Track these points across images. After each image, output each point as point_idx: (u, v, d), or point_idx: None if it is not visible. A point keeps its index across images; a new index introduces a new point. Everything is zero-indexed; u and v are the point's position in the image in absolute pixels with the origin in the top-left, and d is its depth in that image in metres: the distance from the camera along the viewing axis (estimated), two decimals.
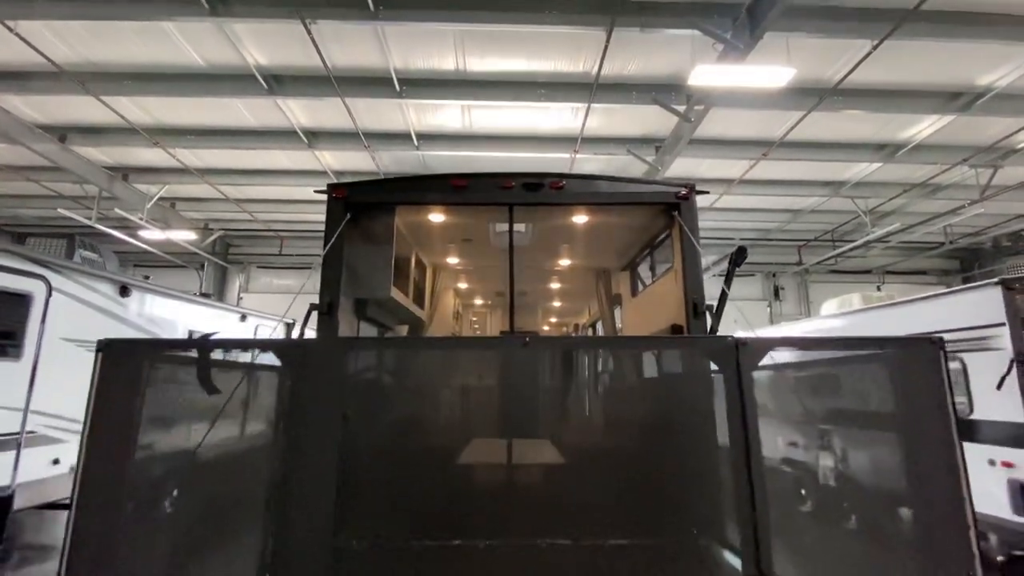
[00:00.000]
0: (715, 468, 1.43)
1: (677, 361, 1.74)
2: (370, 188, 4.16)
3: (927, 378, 1.25)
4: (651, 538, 1.59)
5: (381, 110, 9.66)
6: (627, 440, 1.73)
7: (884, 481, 1.43)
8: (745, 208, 14.04)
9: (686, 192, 4.06)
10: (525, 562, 1.58)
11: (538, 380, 1.96)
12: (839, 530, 1.47)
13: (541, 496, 1.80)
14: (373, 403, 1.64)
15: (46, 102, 9.40)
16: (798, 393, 1.75)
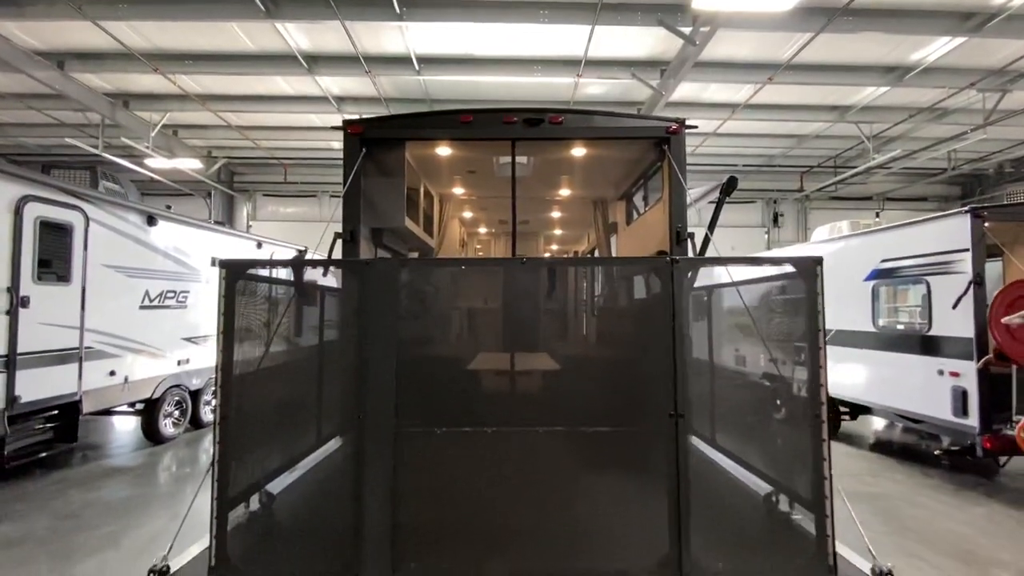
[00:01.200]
0: (665, 366, 1.86)
1: (639, 280, 2.14)
2: (383, 124, 4.45)
3: (809, 289, 1.69)
4: (625, 426, 2.06)
5: (381, 33, 9.50)
6: (605, 346, 2.20)
7: (773, 367, 1.92)
8: (749, 133, 13.94)
9: (676, 127, 4.33)
10: (527, 444, 2.07)
11: (534, 295, 2.43)
12: (734, 399, 1.97)
13: (538, 393, 2.28)
14: (416, 314, 2.10)
15: (42, 28, 9.26)
16: (719, 303, 2.21)
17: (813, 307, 1.66)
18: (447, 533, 1.67)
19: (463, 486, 1.84)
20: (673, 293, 1.65)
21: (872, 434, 8.40)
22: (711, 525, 1.65)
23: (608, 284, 2.15)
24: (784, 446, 1.74)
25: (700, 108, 12.29)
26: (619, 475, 1.78)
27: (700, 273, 2.22)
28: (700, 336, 2.01)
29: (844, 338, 7.54)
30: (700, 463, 1.69)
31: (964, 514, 5.13)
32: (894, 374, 6.59)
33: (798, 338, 1.68)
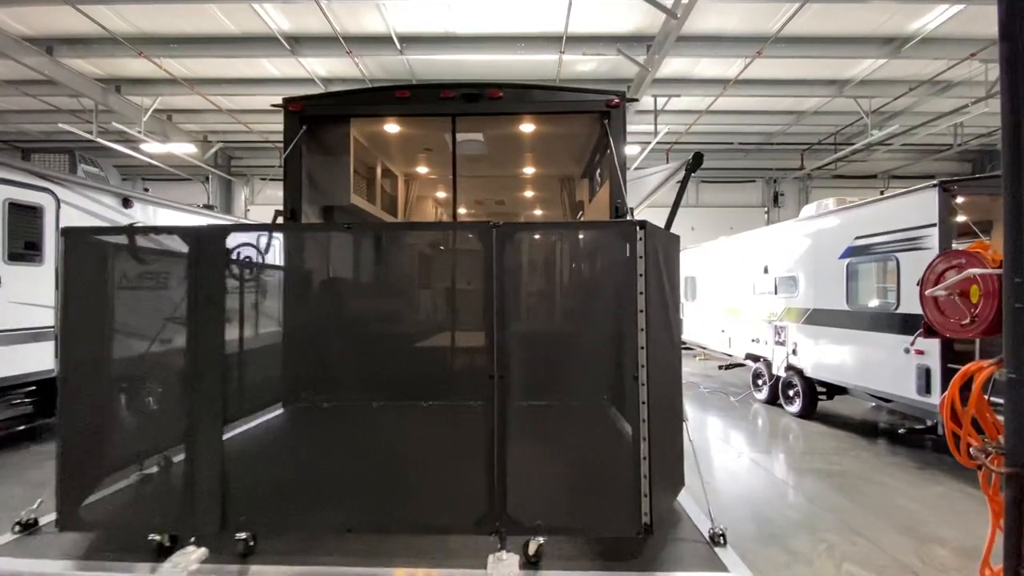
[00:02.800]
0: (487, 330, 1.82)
1: (465, 249, 2.07)
2: (323, 101, 4.45)
3: (629, 253, 1.68)
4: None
5: (360, 12, 9.44)
6: (435, 316, 2.20)
7: (602, 330, 1.92)
8: (746, 110, 13.62)
9: (616, 101, 4.25)
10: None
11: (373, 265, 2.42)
12: (562, 362, 1.96)
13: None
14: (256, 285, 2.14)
15: (28, 13, 9.38)
16: (554, 268, 2.18)
17: (633, 271, 1.65)
18: (282, 492, 1.74)
19: (305, 451, 1.91)
20: (494, 257, 1.66)
21: (850, 413, 8.32)
22: (529, 484, 1.68)
23: (441, 254, 2.15)
24: (607, 407, 1.75)
25: (692, 84, 12.03)
26: (452, 438, 1.82)
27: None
28: (536, 302, 2.01)
29: (820, 317, 7.43)
30: (525, 424, 1.72)
31: (920, 492, 5.09)
32: (865, 353, 6.50)
33: (624, 301, 1.68)
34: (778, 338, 8.54)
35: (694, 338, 12.88)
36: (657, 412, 1.72)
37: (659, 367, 1.77)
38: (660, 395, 1.77)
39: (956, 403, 3.06)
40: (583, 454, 1.76)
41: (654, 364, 1.71)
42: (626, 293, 1.67)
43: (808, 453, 6.37)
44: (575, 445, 1.78)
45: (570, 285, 2.07)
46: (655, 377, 1.71)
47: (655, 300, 1.75)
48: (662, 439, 1.79)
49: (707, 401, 9.56)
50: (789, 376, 8.24)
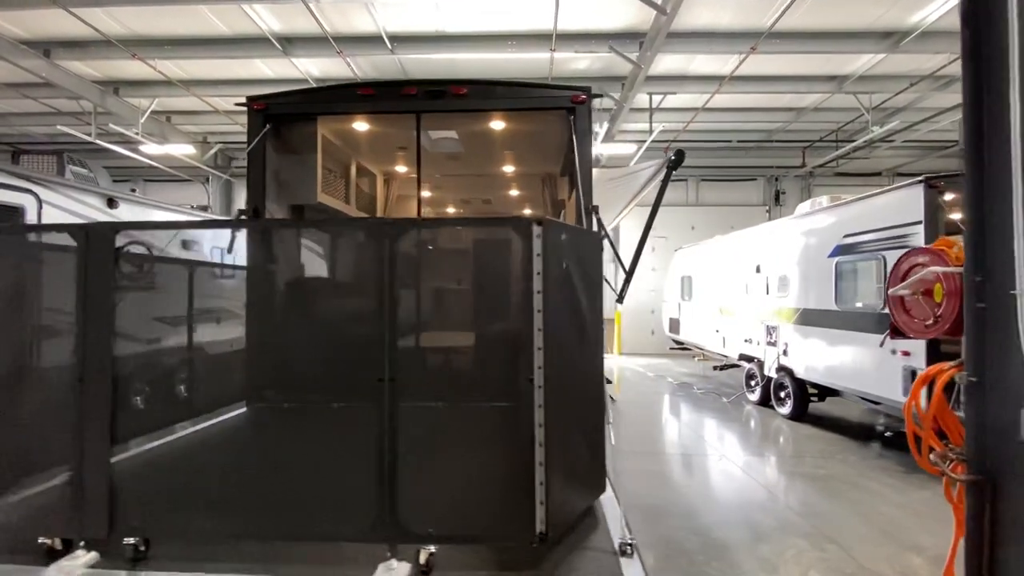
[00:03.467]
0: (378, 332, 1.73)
1: (349, 249, 1.99)
2: (287, 99, 4.42)
3: (525, 251, 1.61)
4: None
5: (349, 12, 9.43)
6: (325, 317, 2.11)
7: (499, 331, 1.85)
8: (745, 107, 13.43)
9: (582, 97, 4.18)
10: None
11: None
12: (458, 364, 1.88)
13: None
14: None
15: (24, 17, 9.49)
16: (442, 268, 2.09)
17: (528, 269, 1.58)
18: (172, 498, 1.70)
19: (195, 457, 1.86)
20: (386, 256, 1.60)
21: (844, 415, 8.14)
22: (423, 491, 1.62)
23: (338, 253, 2.08)
24: (504, 411, 1.68)
25: (687, 81, 11.87)
26: (343, 443, 1.76)
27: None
28: (432, 302, 1.94)
29: (810, 317, 7.28)
30: (419, 428, 1.65)
31: (904, 497, 4.94)
32: (853, 354, 6.34)
33: (521, 301, 1.61)
34: (770, 338, 8.39)
35: (691, 338, 12.73)
36: (562, 416, 1.65)
37: (565, 369, 1.70)
38: (567, 398, 1.70)
39: (917, 407, 2.94)
40: (479, 459, 1.70)
41: (558, 366, 1.64)
42: (523, 293, 1.60)
43: (794, 456, 6.24)
44: (471, 450, 1.72)
45: (468, 285, 1.99)
46: (559, 380, 1.64)
47: (558, 300, 1.68)
48: (570, 444, 1.72)
49: (700, 402, 9.43)
50: (780, 377, 8.08)
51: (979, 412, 2.73)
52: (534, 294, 1.59)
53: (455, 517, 1.62)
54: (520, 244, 1.60)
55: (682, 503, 4.76)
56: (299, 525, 1.62)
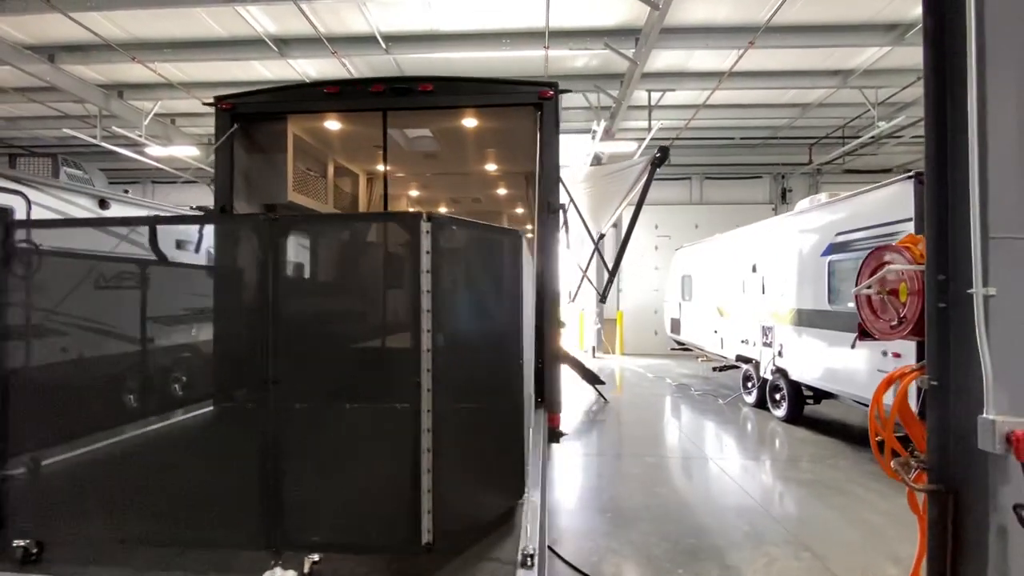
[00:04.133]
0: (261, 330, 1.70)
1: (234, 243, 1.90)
2: (255, 98, 4.41)
3: (415, 247, 1.53)
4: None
5: (342, 12, 9.45)
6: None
7: (388, 330, 1.77)
8: (748, 104, 13.20)
9: (549, 92, 4.10)
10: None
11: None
12: (348, 366, 1.79)
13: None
14: None
15: (26, 22, 9.68)
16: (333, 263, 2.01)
17: (416, 266, 1.51)
18: (64, 500, 1.67)
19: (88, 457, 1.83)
20: (268, 252, 1.54)
21: (842, 418, 7.93)
22: (310, 496, 1.56)
23: (224, 247, 2.00)
24: (392, 414, 1.61)
25: (686, 78, 11.68)
26: (228, 445, 1.71)
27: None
28: (318, 299, 1.86)
29: (804, 318, 7.09)
30: (305, 432, 1.59)
31: (890, 504, 4.77)
32: (846, 356, 6.16)
33: (411, 300, 1.54)
34: (765, 339, 8.20)
35: (691, 339, 12.54)
36: (460, 420, 1.58)
37: (463, 372, 1.62)
38: (467, 402, 1.63)
39: (880, 411, 2.81)
40: (366, 465, 1.63)
41: (454, 369, 1.57)
42: (412, 291, 1.53)
43: (783, 460, 6.08)
44: (359, 455, 1.65)
45: (356, 281, 1.91)
46: (454, 382, 1.57)
47: (455, 300, 1.61)
48: (471, 449, 1.65)
49: (695, 404, 9.27)
50: (775, 379, 7.90)
51: (940, 418, 2.61)
52: (422, 293, 1.52)
53: (341, 525, 1.56)
54: (410, 241, 1.53)
55: (659, 508, 4.65)
56: (186, 531, 1.58)
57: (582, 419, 8.08)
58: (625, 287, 17.35)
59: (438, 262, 1.53)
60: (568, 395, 9.95)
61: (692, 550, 3.88)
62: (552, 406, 4.09)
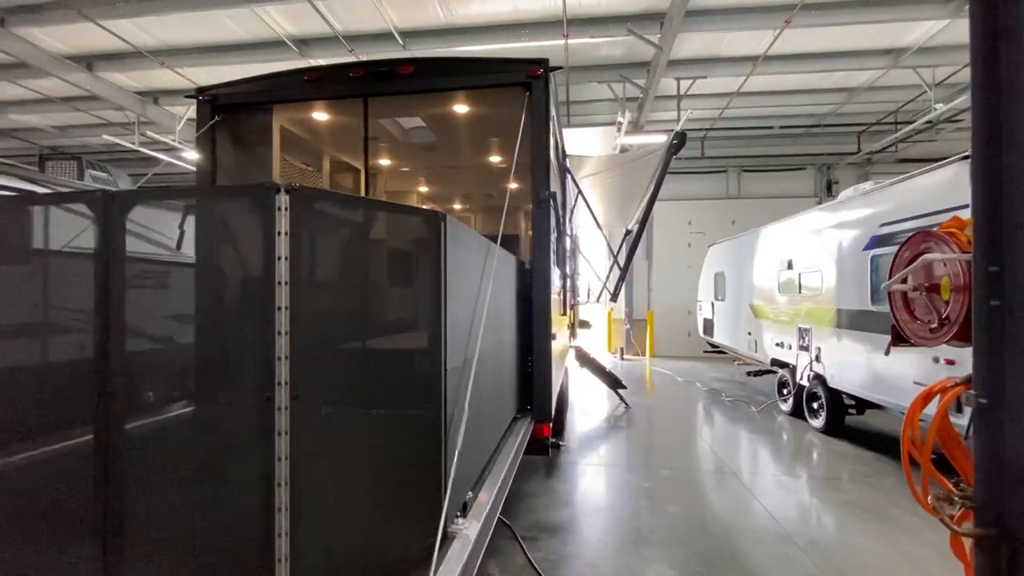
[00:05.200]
0: None
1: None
2: (234, 89, 4.26)
3: (267, 228, 1.22)
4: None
5: (358, 10, 9.37)
6: None
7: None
8: (787, 89, 12.34)
9: (539, 70, 3.75)
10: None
11: None
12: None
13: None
14: None
15: (64, 32, 10.10)
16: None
17: (271, 251, 1.20)
18: None
19: None
20: (104, 234, 1.28)
21: (891, 431, 7.15)
22: (154, 531, 1.28)
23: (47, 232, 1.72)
24: (238, 438, 1.30)
25: (718, 64, 10.99)
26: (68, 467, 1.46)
27: None
28: (153, 293, 1.54)
29: (844, 319, 6.42)
30: (145, 452, 1.32)
31: (939, 535, 4.12)
32: (891, 362, 5.48)
33: (262, 295, 1.24)
34: (802, 342, 7.52)
35: (724, 340, 11.82)
36: (339, 445, 1.29)
37: (342, 384, 1.32)
38: (348, 422, 1.32)
39: (915, 433, 2.32)
40: (211, 498, 1.33)
41: (327, 380, 1.27)
42: (263, 283, 1.24)
43: (817, 477, 5.47)
44: (202, 483, 1.35)
45: (201, 271, 1.58)
46: (335, 396, 1.27)
47: (327, 297, 1.31)
48: (364, 477, 1.34)
49: (725, 411, 8.64)
50: (813, 386, 7.22)
51: (991, 444, 2.10)
52: (276, 286, 1.23)
53: (186, 551, 1.28)
54: (262, 221, 1.23)
55: (667, 529, 4.21)
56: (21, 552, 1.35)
57: (598, 426, 7.65)
58: (656, 286, 16.66)
59: (299, 247, 1.24)
60: (587, 400, 9.51)
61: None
62: (542, 414, 3.73)
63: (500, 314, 2.99)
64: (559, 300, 5.50)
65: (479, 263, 2.25)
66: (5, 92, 12.39)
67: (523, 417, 3.68)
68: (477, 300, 2.13)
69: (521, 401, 3.76)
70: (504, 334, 3.13)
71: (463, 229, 1.88)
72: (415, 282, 1.63)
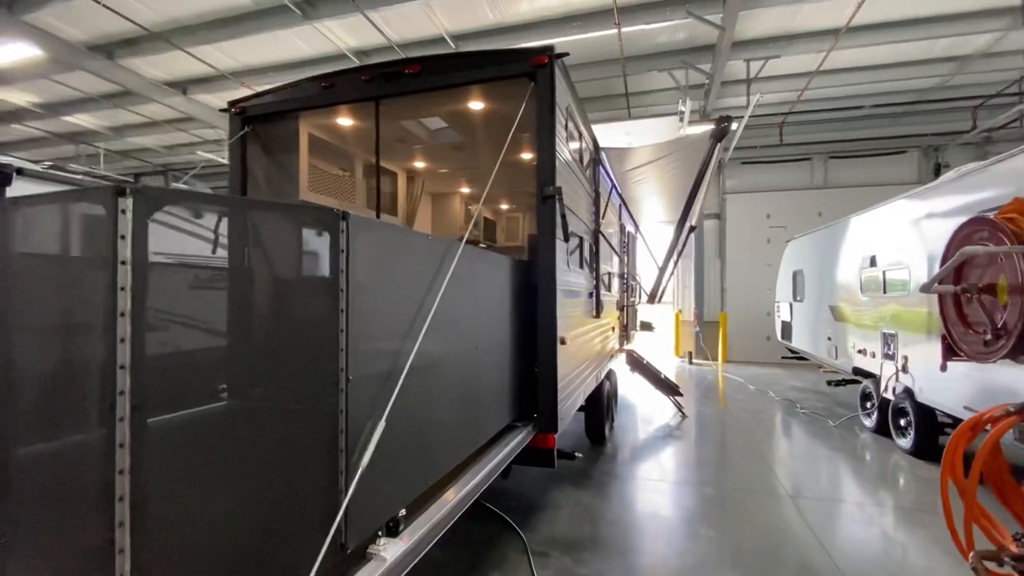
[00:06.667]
0: None
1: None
2: (260, 100, 4.46)
3: (109, 226, 1.13)
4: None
5: (410, 18, 9.61)
6: None
7: None
8: (880, 63, 10.93)
9: (543, 58, 3.54)
10: None
11: None
12: None
13: None
14: None
15: (159, 61, 11.33)
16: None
17: (112, 257, 1.11)
18: None
19: None
20: None
21: None
22: None
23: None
24: (77, 451, 1.21)
25: (794, 40, 9.97)
26: None
27: None
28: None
29: (935, 323, 5.49)
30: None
31: None
32: (992, 375, 4.59)
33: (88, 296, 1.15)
34: (887, 349, 6.59)
35: (803, 346, 10.72)
36: (195, 458, 1.20)
37: (198, 392, 1.23)
38: (208, 436, 1.23)
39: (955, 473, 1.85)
40: (52, 516, 1.26)
41: (175, 389, 1.19)
42: (106, 289, 1.16)
43: (896, 508, 4.73)
44: (40, 502, 1.27)
45: (41, 277, 1.44)
46: (177, 407, 1.18)
47: (173, 302, 1.22)
48: (220, 496, 1.25)
49: (797, 424, 7.80)
50: (899, 400, 6.29)
51: None
52: (118, 291, 1.16)
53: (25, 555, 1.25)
54: (97, 217, 1.17)
55: (692, 555, 3.81)
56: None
57: (647, 435, 7.20)
58: (730, 286, 15.52)
59: (137, 251, 1.17)
60: (642, 406, 9.01)
61: None
62: (546, 424, 3.52)
63: (477, 318, 2.83)
64: (589, 302, 5.22)
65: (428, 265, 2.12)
66: (121, 118, 14.19)
67: (523, 426, 3.49)
68: (423, 303, 2.00)
69: (521, 408, 3.57)
70: (486, 338, 2.96)
71: (397, 230, 1.75)
72: (304, 285, 1.53)
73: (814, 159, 14.61)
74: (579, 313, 4.56)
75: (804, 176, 14.75)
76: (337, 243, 1.49)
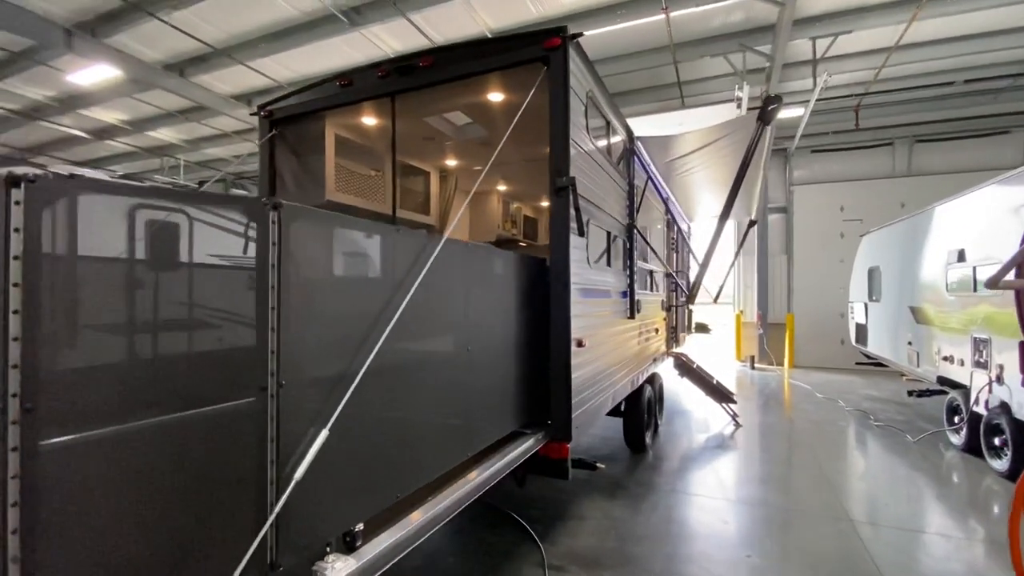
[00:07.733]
0: None
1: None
2: (285, 102, 4.53)
3: (4, 218, 1.04)
4: None
5: (451, 18, 9.64)
6: None
7: None
8: (972, 33, 9.68)
9: (556, 40, 3.32)
10: None
11: None
12: None
13: None
14: None
15: (225, 75, 12.08)
16: None
17: (4, 245, 1.03)
18: None
19: None
20: None
21: None
22: None
23: None
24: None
25: (866, 13, 9.02)
26: None
27: None
28: None
29: None
30: None
31: None
32: None
33: None
34: (978, 357, 5.75)
35: (880, 351, 9.70)
36: (107, 470, 1.11)
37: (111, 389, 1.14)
38: (119, 448, 1.14)
39: None
40: None
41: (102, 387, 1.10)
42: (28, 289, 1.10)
43: (981, 541, 4.07)
44: None
45: None
46: (89, 407, 1.10)
47: (79, 294, 1.13)
48: (129, 513, 1.15)
49: (871, 439, 7.03)
50: (993, 415, 5.47)
51: None
52: (10, 288, 1.10)
53: None
54: None
55: None
56: None
57: (695, 445, 6.73)
58: (798, 285, 14.38)
59: (31, 246, 1.10)
60: (695, 414, 8.48)
61: None
62: (559, 432, 3.29)
63: (469, 318, 2.66)
64: (622, 302, 4.90)
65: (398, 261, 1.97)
66: (196, 131, 15.31)
67: (532, 433, 3.27)
68: (390, 302, 1.86)
69: (530, 415, 3.35)
70: (481, 340, 2.79)
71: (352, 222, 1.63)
72: (228, 281, 1.42)
73: (896, 144, 13.22)
74: (606, 313, 4.27)
75: (884, 163, 13.39)
76: (266, 236, 1.39)
